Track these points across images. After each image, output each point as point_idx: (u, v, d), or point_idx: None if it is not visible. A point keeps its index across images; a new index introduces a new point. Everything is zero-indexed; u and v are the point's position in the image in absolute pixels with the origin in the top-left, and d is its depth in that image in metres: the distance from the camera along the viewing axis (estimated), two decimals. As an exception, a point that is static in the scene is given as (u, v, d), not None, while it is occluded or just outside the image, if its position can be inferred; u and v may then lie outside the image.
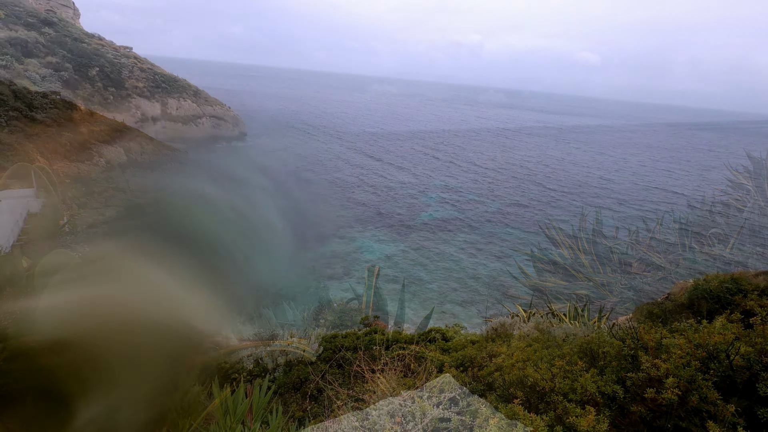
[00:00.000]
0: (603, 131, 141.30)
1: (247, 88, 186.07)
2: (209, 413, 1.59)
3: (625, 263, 34.15)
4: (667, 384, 2.75)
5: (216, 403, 1.47)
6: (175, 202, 32.80)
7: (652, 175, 71.05)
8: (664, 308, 6.27)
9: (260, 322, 22.25)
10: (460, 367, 5.25)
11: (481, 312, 25.62)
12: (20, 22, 49.40)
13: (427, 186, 52.12)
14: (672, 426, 2.72)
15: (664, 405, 2.71)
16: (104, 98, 49.62)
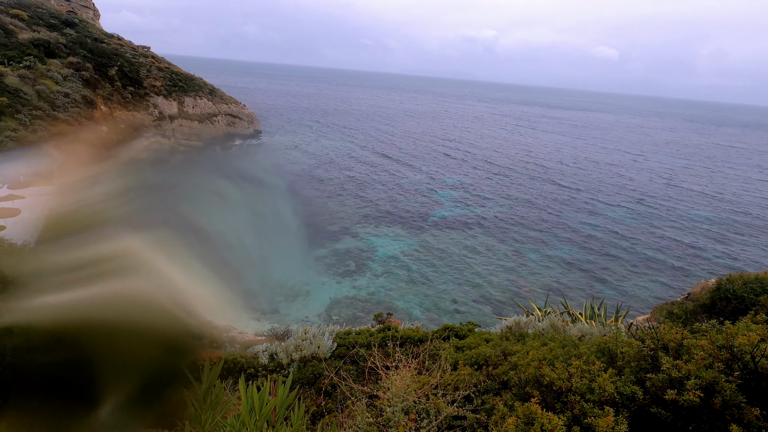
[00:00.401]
0: (620, 127, 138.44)
1: (260, 85, 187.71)
2: (230, 408, 1.60)
3: (643, 262, 33.48)
4: (689, 385, 2.69)
5: (242, 399, 1.47)
6: (192, 198, 33.33)
7: (670, 172, 69.42)
8: (684, 308, 6.13)
9: (275, 317, 22.52)
10: (475, 365, 5.23)
11: (494, 310, 25.44)
12: (43, 24, 50.69)
13: (440, 184, 51.88)
14: (693, 428, 2.65)
15: (686, 407, 2.65)
16: (123, 97, 50.62)
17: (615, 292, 28.59)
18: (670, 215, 45.34)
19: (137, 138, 49.47)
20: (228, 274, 24.20)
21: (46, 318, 1.99)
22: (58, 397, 1.97)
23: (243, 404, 1.47)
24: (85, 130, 41.41)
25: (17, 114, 35.30)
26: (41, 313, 1.90)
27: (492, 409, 3.55)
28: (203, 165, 51.13)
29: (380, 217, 39.14)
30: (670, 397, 2.70)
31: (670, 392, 2.72)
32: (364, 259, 30.78)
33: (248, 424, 1.45)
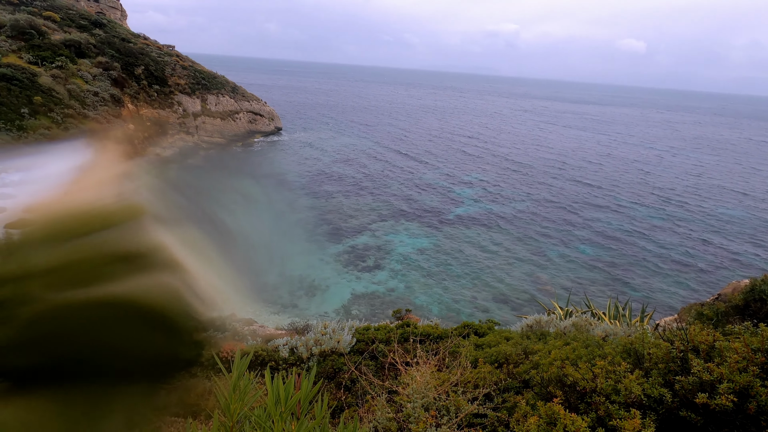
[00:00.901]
0: (646, 122, 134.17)
1: (280, 83, 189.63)
2: (256, 398, 1.63)
3: (669, 262, 32.47)
4: (721, 389, 2.60)
5: (269, 391, 1.50)
6: (215, 195, 34.01)
7: (699, 168, 66.98)
8: (715, 309, 5.92)
9: (294, 312, 22.83)
10: (495, 364, 5.18)
11: (514, 309, 25.13)
12: (74, 25, 52.43)
13: (459, 181, 51.43)
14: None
15: (718, 411, 2.56)
16: (149, 95, 51.95)
17: (639, 292, 27.83)
18: (699, 214, 43.79)
19: (162, 135, 50.74)
20: (248, 269, 24.65)
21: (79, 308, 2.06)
22: (79, 384, 2.04)
23: (269, 395, 1.50)
24: (113, 128, 42.71)
25: (50, 112, 36.67)
26: (77, 303, 1.98)
27: (513, 407, 3.52)
28: (225, 162, 52.12)
29: (399, 214, 39.10)
30: (701, 401, 2.62)
31: (701, 396, 2.63)
32: (383, 255, 30.83)
33: (274, 415, 1.48)
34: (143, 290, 2.18)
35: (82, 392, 1.97)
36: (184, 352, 2.57)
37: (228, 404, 1.57)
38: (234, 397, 1.58)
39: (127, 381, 2.13)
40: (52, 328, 2.03)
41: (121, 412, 2.10)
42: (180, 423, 4.20)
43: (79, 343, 2.07)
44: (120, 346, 2.11)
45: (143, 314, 2.17)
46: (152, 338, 2.23)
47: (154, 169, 42.32)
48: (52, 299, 2.05)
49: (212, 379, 5.58)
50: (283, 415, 1.52)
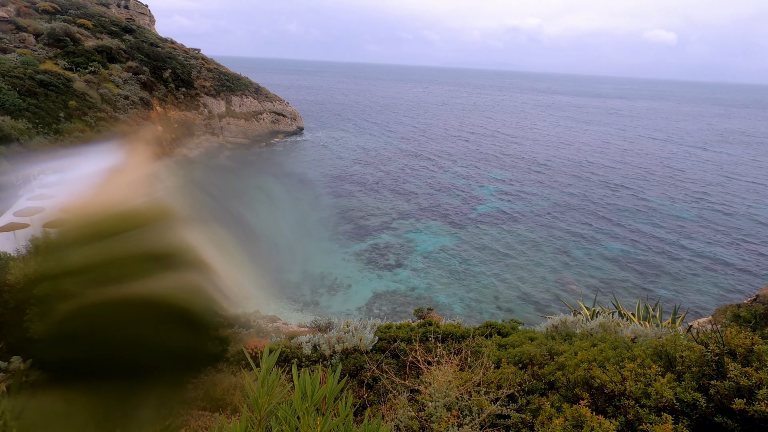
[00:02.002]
0: (676, 116, 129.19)
1: (303, 83, 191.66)
2: (284, 394, 1.66)
3: (702, 262, 31.19)
4: (760, 395, 2.48)
5: (296, 385, 1.52)
6: (239, 194, 34.71)
7: (732, 164, 64.04)
8: (753, 311, 5.66)
9: (316, 309, 23.08)
10: (519, 364, 5.10)
11: (539, 308, 24.68)
12: (105, 31, 54.45)
13: (481, 179, 50.81)
14: (765, 442, 2.45)
15: (756, 418, 2.45)
16: (176, 98, 53.46)
17: (671, 292, 26.86)
18: (731, 212, 41.89)
19: (189, 136, 52.14)
20: (272, 267, 25.06)
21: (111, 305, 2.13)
22: (123, 377, 2.12)
23: (296, 390, 1.52)
24: (142, 130, 44.16)
25: (84, 116, 38.20)
26: (110, 301, 2.05)
27: (538, 409, 3.45)
28: (249, 162, 53.12)
29: (420, 213, 38.96)
30: (738, 407, 2.51)
31: (738, 401, 2.52)
32: (405, 253, 30.79)
33: (300, 409, 1.49)
34: (171, 288, 2.24)
35: (113, 385, 2.05)
36: (210, 348, 2.63)
37: (256, 398, 1.60)
38: (262, 392, 1.61)
39: (156, 375, 2.19)
40: (86, 323, 2.12)
41: (149, 404, 2.17)
42: (207, 416, 4.31)
43: (111, 338, 2.14)
44: (148, 342, 2.17)
45: (171, 311, 2.23)
46: (179, 334, 2.30)
47: (181, 169, 43.54)
48: (87, 296, 2.12)
49: (239, 374, 5.71)
50: (308, 410, 1.54)
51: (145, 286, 2.07)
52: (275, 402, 1.57)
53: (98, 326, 2.09)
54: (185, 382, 2.41)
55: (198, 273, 2.24)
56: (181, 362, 2.27)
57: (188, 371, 2.49)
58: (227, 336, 4.88)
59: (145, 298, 2.06)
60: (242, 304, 2.83)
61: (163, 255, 2.16)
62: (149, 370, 2.12)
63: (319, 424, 1.53)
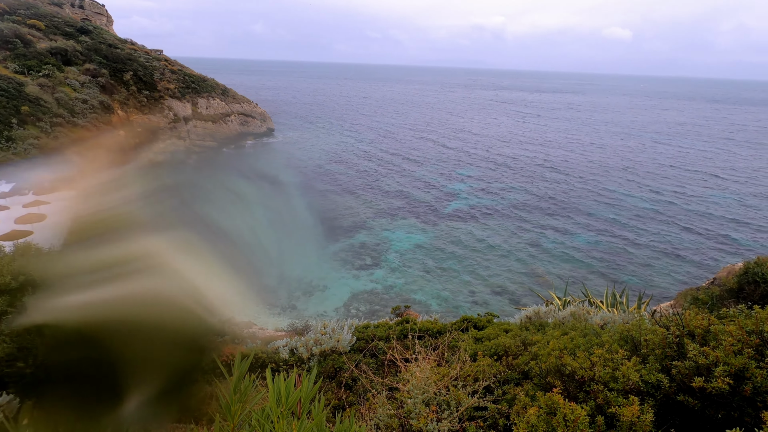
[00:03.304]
0: (633, 110, 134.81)
1: (270, 83, 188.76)
2: (258, 401, 1.63)
3: (664, 248, 32.72)
4: (717, 372, 2.62)
5: (270, 390, 1.50)
6: (209, 198, 33.82)
7: (688, 155, 67.44)
8: (710, 293, 5.97)
9: (293, 313, 22.81)
10: (494, 356, 5.20)
11: (513, 301, 25.25)
12: (59, 32, 51.88)
13: (452, 176, 51.50)
14: (723, 416, 2.59)
15: (714, 394, 2.59)
16: (138, 101, 51.57)
17: (636, 279, 28.04)
18: (691, 200, 44.13)
19: (154, 141, 50.43)
20: (246, 271, 24.57)
21: (73, 317, 2.05)
22: (85, 393, 2.04)
23: (270, 394, 1.50)
24: (103, 135, 42.38)
25: (39, 122, 36.32)
26: (69, 313, 1.97)
27: (513, 399, 3.54)
28: (218, 165, 51.88)
29: (394, 211, 39.11)
30: (698, 385, 2.64)
31: (698, 380, 2.66)
32: (380, 252, 30.85)
33: (275, 413, 1.47)
34: (141, 297, 2.17)
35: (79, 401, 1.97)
36: (185, 358, 2.57)
37: (229, 406, 1.57)
38: (235, 399, 1.58)
39: (129, 388, 2.12)
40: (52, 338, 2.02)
41: (121, 419, 2.09)
42: (181, 429, 4.19)
43: (77, 352, 2.06)
44: (122, 354, 2.10)
45: (143, 321, 2.16)
46: (153, 345, 2.23)
47: (145, 174, 42.00)
48: (49, 310, 2.04)
49: (213, 383, 5.57)
50: (283, 414, 1.52)
51: (99, 295, 1.99)
52: (249, 408, 1.55)
53: (66, 341, 2.00)
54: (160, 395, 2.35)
55: (164, 280, 2.17)
56: (156, 373, 2.21)
57: (164, 383, 2.42)
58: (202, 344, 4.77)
59: (100, 307, 1.98)
60: (215, 310, 2.75)
61: (123, 264, 2.09)
62: (121, 384, 2.05)
63: (294, 428, 1.51)
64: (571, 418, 2.53)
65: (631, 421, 2.50)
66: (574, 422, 2.51)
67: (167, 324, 2.12)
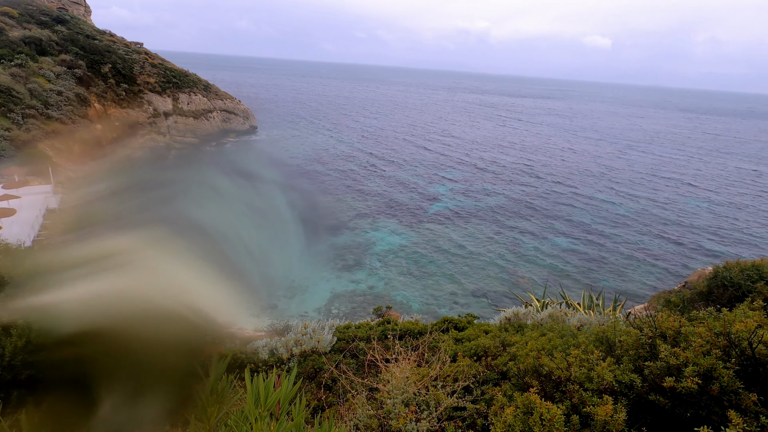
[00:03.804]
0: (610, 118, 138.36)
1: (254, 81, 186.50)
2: (235, 402, 1.61)
3: (641, 252, 33.66)
4: (687, 373, 2.71)
5: (248, 391, 1.48)
6: (190, 195, 33.21)
7: (666, 162, 69.59)
8: (681, 296, 6.17)
9: (274, 313, 22.56)
10: (474, 357, 5.25)
11: (493, 302, 25.55)
12: (34, 21, 50.09)
13: (436, 178, 51.85)
14: (691, 415, 2.68)
15: (684, 394, 2.68)
16: (117, 94, 50.20)
17: (613, 282, 28.75)
18: (665, 206, 45.52)
19: (132, 135, 49.16)
20: (225, 270, 24.16)
21: (45, 317, 1.99)
22: (63, 396, 1.98)
23: (248, 395, 1.48)
24: (79, 129, 41.09)
25: (10, 113, 34.99)
26: (40, 313, 1.90)
27: (491, 399, 3.58)
28: (199, 162, 50.94)
29: (377, 212, 39.12)
30: (669, 385, 2.73)
31: (669, 379, 2.74)
32: (363, 253, 30.80)
33: (253, 414, 1.46)
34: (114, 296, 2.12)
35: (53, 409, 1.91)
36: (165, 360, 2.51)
37: (205, 407, 1.55)
38: (211, 400, 1.55)
39: (108, 392, 2.07)
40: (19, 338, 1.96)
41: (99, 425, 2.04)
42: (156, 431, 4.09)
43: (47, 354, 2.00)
44: (96, 356, 2.05)
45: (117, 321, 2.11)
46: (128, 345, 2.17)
47: (122, 170, 41.00)
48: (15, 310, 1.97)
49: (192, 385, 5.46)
50: (262, 415, 1.50)
51: (74, 294, 1.93)
52: (225, 409, 1.52)
53: (20, 346, 1.93)
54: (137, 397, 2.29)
55: (138, 277, 2.12)
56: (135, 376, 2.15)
57: (144, 386, 2.37)
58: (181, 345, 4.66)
59: (76, 307, 1.93)
60: (192, 309, 2.68)
61: (94, 259, 2.03)
62: (100, 388, 2.00)
63: (273, 430, 1.50)
64: (547, 418, 2.58)
65: (604, 420, 2.56)
66: (549, 421, 2.55)
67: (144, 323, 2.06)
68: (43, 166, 32.40)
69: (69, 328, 1.91)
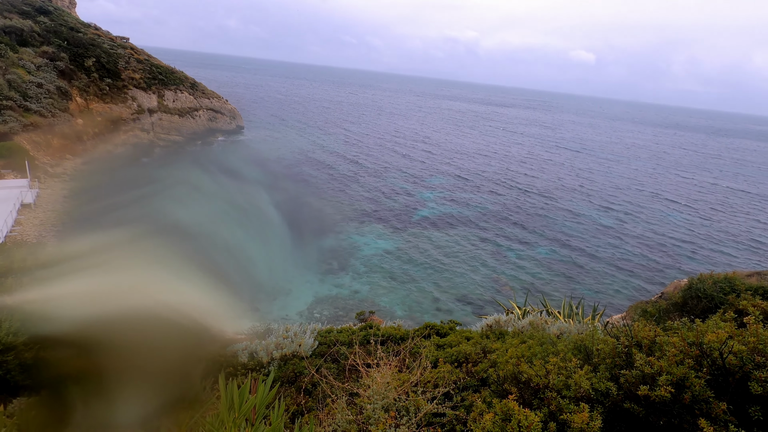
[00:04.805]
0: (593, 131, 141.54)
1: (242, 80, 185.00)
2: (210, 407, 1.58)
3: (621, 263, 34.35)
4: (661, 381, 2.77)
5: (222, 397, 1.45)
6: (172, 195, 32.63)
7: (647, 176, 71.40)
8: (658, 307, 6.32)
9: (255, 316, 22.24)
10: (455, 363, 5.27)
11: (475, 309, 25.72)
12: (15, 10, 48.77)
13: (422, 184, 52.12)
14: (664, 423, 2.74)
15: (657, 402, 2.74)
16: (100, 89, 49.13)
17: (593, 291, 29.25)
18: (647, 218, 46.65)
19: (115, 131, 48.13)
20: (206, 272, 23.75)
21: (14, 317, 1.93)
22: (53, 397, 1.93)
23: (222, 401, 1.45)
24: (59, 122, 40.03)
25: (-14, 104, 33.93)
26: (7, 313, 1.85)
27: (471, 405, 3.59)
28: (184, 160, 50.13)
29: (363, 216, 39.08)
30: (643, 393, 2.78)
31: (643, 388, 2.80)
32: (347, 257, 30.69)
33: (227, 421, 1.43)
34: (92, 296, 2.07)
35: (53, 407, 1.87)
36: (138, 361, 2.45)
37: (178, 413, 1.52)
38: (184, 405, 1.52)
39: (86, 399, 2.02)
40: None
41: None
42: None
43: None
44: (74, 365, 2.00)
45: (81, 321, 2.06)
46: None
47: (103, 166, 40.08)
48: None
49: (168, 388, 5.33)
50: (236, 421, 1.48)
51: (52, 292, 1.89)
52: (197, 415, 1.49)
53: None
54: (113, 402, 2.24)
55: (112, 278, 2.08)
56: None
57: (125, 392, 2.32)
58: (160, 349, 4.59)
59: (54, 306, 1.88)
60: (171, 311, 2.59)
61: (68, 258, 1.99)
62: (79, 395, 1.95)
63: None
64: (524, 425, 2.60)
65: (581, 428, 2.59)
66: (527, 428, 2.58)
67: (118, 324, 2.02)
68: (19, 160, 31.43)
69: (41, 330, 1.85)
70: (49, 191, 31.67)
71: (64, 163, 37.81)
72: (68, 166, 37.84)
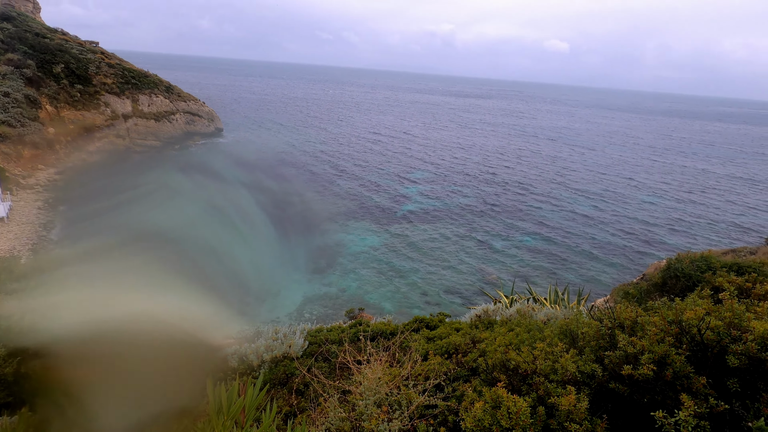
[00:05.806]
0: (569, 118, 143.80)
1: (217, 81, 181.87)
2: (200, 411, 1.56)
3: (604, 247, 35.08)
4: (643, 360, 2.85)
5: (210, 400, 1.44)
6: (153, 200, 31.97)
7: (624, 162, 72.91)
8: (639, 288, 6.48)
9: (244, 319, 22.01)
10: (445, 355, 5.32)
11: (464, 300, 25.96)
12: (-25, 17, 46.91)
13: (406, 179, 52.22)
14: (648, 400, 2.82)
15: (641, 380, 2.81)
16: (71, 96, 47.66)
17: (578, 277, 29.82)
18: (625, 203, 47.72)
19: (89, 139, 46.83)
20: (192, 277, 23.44)
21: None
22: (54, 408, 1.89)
23: (210, 405, 1.44)
24: (29, 132, 38.76)
25: (-50, 115, 32.61)
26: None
27: (462, 395, 3.63)
28: (162, 166, 49.09)
29: (348, 214, 38.98)
30: (627, 372, 2.86)
31: (627, 367, 2.88)
32: (334, 255, 30.59)
33: (215, 425, 1.42)
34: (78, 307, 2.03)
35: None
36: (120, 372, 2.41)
37: (168, 421, 1.50)
38: (174, 414, 1.50)
39: (74, 405, 1.98)
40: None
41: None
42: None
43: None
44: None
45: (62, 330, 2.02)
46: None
47: (78, 175, 39.02)
48: None
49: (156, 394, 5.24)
50: (225, 424, 1.47)
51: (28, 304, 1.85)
52: (186, 422, 1.48)
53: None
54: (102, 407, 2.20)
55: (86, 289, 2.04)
56: None
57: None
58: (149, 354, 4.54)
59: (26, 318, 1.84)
60: (159, 316, 2.54)
61: (38, 270, 1.94)
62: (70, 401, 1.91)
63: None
64: (514, 410, 2.65)
65: (568, 410, 2.65)
66: (516, 414, 2.62)
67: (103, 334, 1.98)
68: (-11, 172, 30.37)
69: (20, 343, 1.81)
70: (22, 203, 30.66)
71: (36, 174, 36.65)
72: (41, 176, 36.70)
